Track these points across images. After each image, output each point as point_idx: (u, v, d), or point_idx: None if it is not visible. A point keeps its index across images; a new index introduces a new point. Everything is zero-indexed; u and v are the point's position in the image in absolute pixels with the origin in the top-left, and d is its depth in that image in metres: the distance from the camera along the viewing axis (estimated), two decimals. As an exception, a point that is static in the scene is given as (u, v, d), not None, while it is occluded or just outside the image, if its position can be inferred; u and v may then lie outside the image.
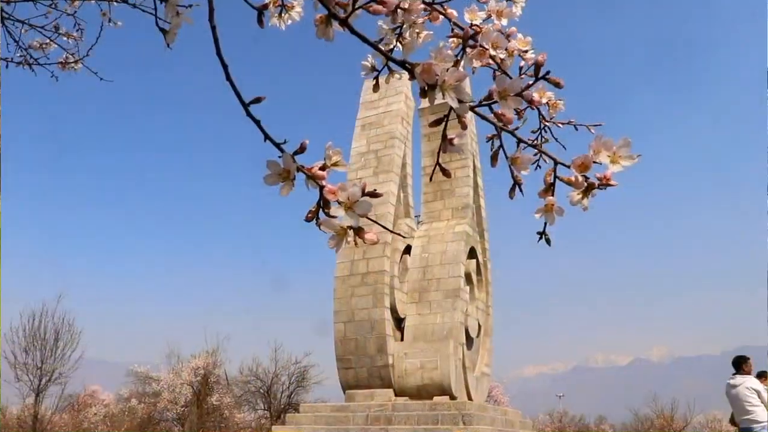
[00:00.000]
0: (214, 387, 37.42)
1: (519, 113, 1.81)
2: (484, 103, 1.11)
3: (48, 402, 31.59)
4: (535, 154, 1.23)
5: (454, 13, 1.42)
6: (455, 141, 1.11)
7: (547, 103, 1.60)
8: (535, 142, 1.98)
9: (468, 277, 16.67)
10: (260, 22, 1.08)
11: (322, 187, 0.99)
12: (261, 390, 37.97)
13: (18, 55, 4.07)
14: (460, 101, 1.03)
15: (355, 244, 1.01)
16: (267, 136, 1.06)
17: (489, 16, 1.47)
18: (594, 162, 1.06)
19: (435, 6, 1.41)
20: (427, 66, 1.01)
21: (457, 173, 17.57)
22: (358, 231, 1.00)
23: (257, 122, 1.07)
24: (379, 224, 1.03)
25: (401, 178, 16.97)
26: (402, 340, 15.79)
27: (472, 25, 1.49)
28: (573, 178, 1.08)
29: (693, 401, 36.46)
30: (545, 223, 1.14)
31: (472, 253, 17.03)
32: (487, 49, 1.47)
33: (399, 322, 16.04)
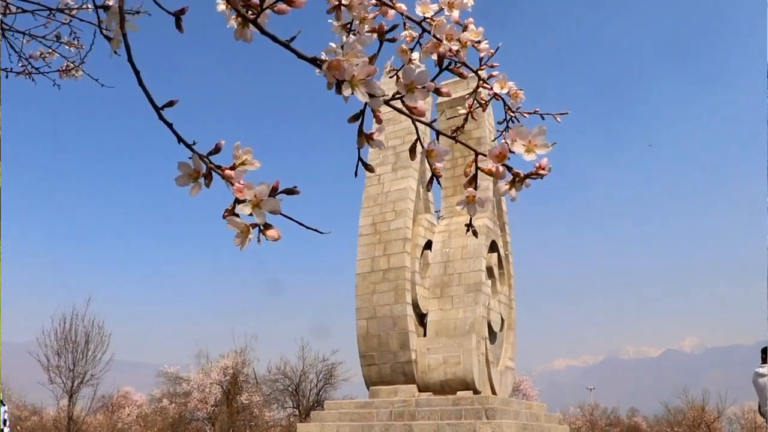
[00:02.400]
0: (243, 386, 37.72)
1: (482, 105, 1.81)
2: (397, 96, 1.11)
3: (82, 403, 32.18)
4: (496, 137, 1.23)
5: (403, 6, 1.43)
6: (375, 136, 1.11)
7: (508, 92, 1.60)
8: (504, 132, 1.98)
9: (490, 271, 16.60)
10: (179, 27, 1.09)
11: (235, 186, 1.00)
12: (289, 388, 38.20)
13: (19, 65, 4.14)
14: (371, 96, 1.04)
15: (258, 241, 1.02)
16: (180, 138, 1.08)
17: (441, 9, 1.48)
18: (510, 152, 1.06)
19: (384, 1, 1.42)
20: (335, 62, 1.02)
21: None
22: (266, 228, 1.01)
23: (169, 125, 1.09)
24: (294, 220, 1.03)
25: (420, 174, 16.96)
26: (425, 335, 15.79)
27: (425, 18, 1.49)
28: (493, 169, 1.08)
29: (725, 392, 35.87)
30: (470, 217, 1.14)
31: (493, 247, 16.96)
32: (441, 41, 1.47)
33: (421, 318, 16.05)
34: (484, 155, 1.10)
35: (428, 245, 16.78)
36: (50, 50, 4.12)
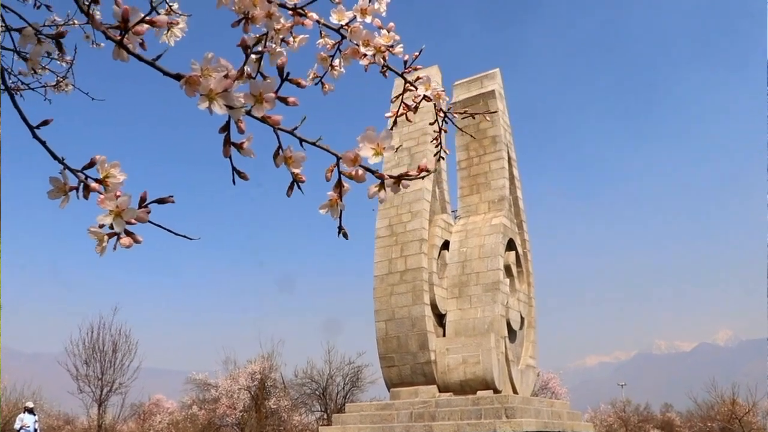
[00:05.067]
0: (271, 391, 37.95)
1: (414, 108, 1.84)
2: (255, 105, 1.14)
3: (112, 411, 32.66)
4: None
5: (315, 15, 1.46)
6: (244, 146, 1.15)
7: (435, 94, 1.63)
8: (437, 132, 2.00)
9: (508, 270, 16.54)
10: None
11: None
12: (316, 392, 38.38)
13: (11, 82, 4.24)
14: (230, 107, 1.07)
15: (114, 248, 1.06)
16: (53, 155, 1.13)
17: (355, 16, 1.51)
18: (359, 154, 1.09)
19: (298, 10, 1.45)
20: (192, 78, 1.05)
21: (492, 165, 17.45)
22: (128, 234, 1.05)
23: (43, 143, 1.14)
24: (164, 228, 1.07)
25: (436, 174, 16.96)
26: (444, 335, 15.78)
27: (342, 26, 1.52)
28: (353, 172, 1.11)
29: (755, 386, 35.21)
30: (340, 219, 1.17)
31: (511, 245, 16.89)
32: (359, 47, 1.50)
33: (440, 318, 16.04)
34: (339, 157, 1.12)
35: (445, 245, 16.77)
36: (41, 67, 4.21)
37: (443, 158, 1.97)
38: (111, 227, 1.02)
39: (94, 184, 1.06)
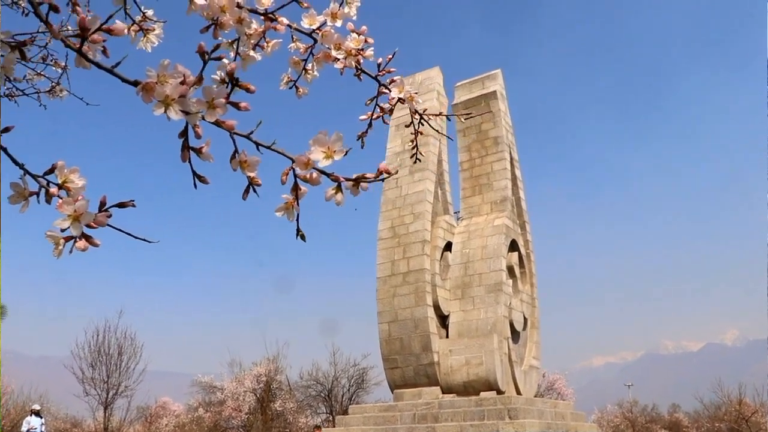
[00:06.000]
0: (277, 393, 37.98)
1: (390, 110, 1.86)
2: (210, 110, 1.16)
3: (119, 414, 32.75)
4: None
5: (285, 20, 1.48)
6: (204, 150, 1.17)
7: (407, 96, 1.65)
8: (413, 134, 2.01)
9: (511, 271, 16.54)
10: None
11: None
12: (322, 394, 38.41)
13: (5, 89, 4.27)
14: (186, 113, 1.09)
15: (70, 251, 1.08)
16: (14, 161, 1.16)
17: (326, 20, 1.53)
18: (310, 157, 1.11)
19: (269, 15, 1.47)
20: (148, 84, 1.07)
21: (494, 166, 17.46)
22: (85, 238, 1.07)
23: (4, 149, 1.16)
24: (123, 231, 1.10)
25: (438, 176, 16.97)
26: (447, 337, 15.78)
27: (314, 30, 1.55)
28: (308, 176, 1.13)
29: (762, 386, 35.07)
30: (297, 221, 1.19)
31: (514, 246, 16.89)
32: (330, 51, 1.52)
33: (443, 320, 16.04)
34: (293, 160, 1.15)
35: (448, 247, 16.78)
36: (36, 74, 4.25)
37: (419, 160, 2.00)
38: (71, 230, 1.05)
39: (53, 189, 1.09)
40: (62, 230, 1.06)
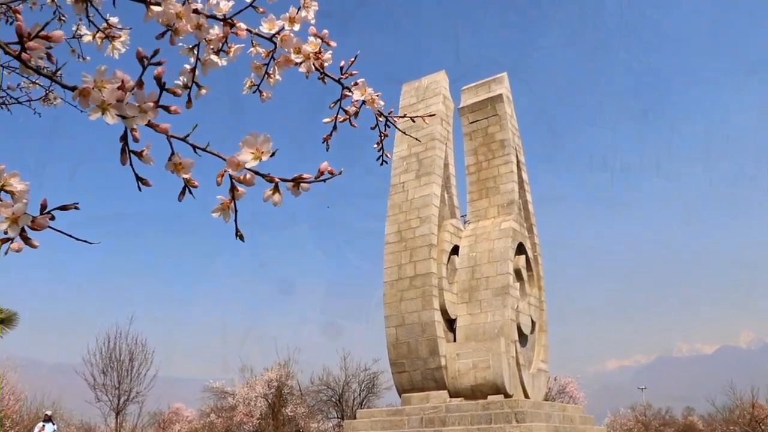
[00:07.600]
0: (288, 398, 38.05)
1: (355, 113, 1.88)
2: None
3: (131, 420, 32.92)
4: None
5: (243, 25, 1.51)
6: (144, 153, 1.19)
7: (369, 99, 1.67)
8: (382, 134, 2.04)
9: (518, 274, 16.50)
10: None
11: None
12: (333, 399, 38.44)
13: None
14: (123, 117, 1.12)
15: (6, 253, 1.12)
16: None
17: (284, 25, 1.55)
18: (239, 158, 1.13)
19: (228, 21, 1.50)
20: (84, 90, 1.10)
21: (501, 169, 17.44)
22: (23, 239, 1.11)
23: None
24: (64, 233, 1.13)
25: (444, 179, 16.97)
26: (454, 340, 15.76)
27: (274, 34, 1.57)
28: (242, 177, 1.15)
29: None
30: (236, 222, 1.21)
31: (521, 249, 16.85)
32: (290, 55, 1.55)
33: (451, 323, 16.02)
34: (225, 159, 1.17)
35: (455, 250, 16.76)
36: (30, 83, 4.30)
37: (386, 162, 2.02)
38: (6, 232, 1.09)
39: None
40: (5, 232, 1.09)
